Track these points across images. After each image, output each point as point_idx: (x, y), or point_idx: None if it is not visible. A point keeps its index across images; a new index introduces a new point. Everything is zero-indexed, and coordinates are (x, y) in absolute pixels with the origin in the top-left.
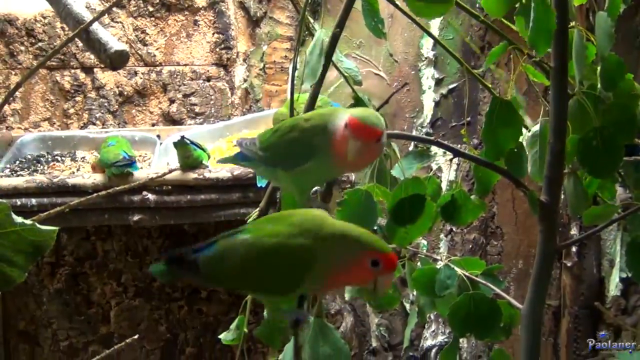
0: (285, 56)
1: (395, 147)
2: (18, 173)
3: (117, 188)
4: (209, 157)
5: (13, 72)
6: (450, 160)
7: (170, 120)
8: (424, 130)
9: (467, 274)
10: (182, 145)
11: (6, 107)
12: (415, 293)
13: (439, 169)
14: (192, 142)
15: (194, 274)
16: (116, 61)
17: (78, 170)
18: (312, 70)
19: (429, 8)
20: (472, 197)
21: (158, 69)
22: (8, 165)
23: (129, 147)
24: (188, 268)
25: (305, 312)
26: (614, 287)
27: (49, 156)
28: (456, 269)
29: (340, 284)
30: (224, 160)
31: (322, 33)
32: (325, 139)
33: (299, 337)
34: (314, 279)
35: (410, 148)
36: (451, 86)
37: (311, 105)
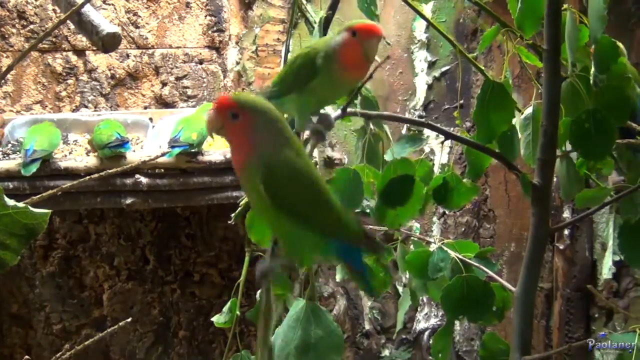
0: (278, 39)
1: (387, 130)
2: (10, 156)
3: (110, 171)
4: (197, 144)
5: (4, 55)
6: (442, 142)
7: (163, 103)
8: (416, 113)
9: (460, 256)
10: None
11: None
12: (408, 276)
13: (431, 151)
14: (175, 146)
15: None
16: (108, 43)
17: (70, 153)
18: None
19: None
20: (465, 180)
21: (150, 51)
22: (0, 149)
23: (122, 129)
24: None
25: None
26: (606, 269)
27: None
28: (449, 251)
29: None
30: None
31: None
32: (328, 56)
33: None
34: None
35: (403, 131)
36: (444, 69)
37: None
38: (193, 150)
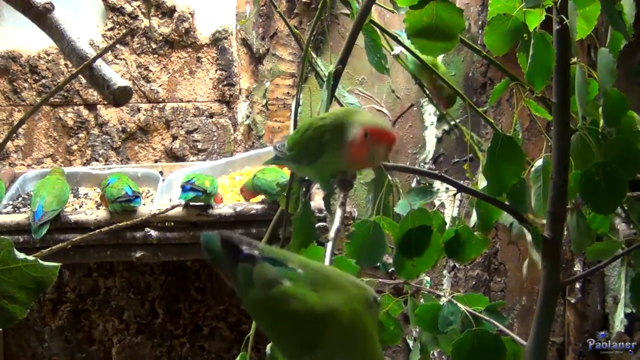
0: (288, 93)
1: (398, 182)
2: (21, 210)
3: (120, 224)
4: (208, 193)
5: (16, 109)
6: (454, 195)
7: (173, 156)
8: (426, 166)
9: (470, 310)
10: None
11: (9, 143)
12: (418, 329)
13: (442, 205)
14: (189, 188)
15: (238, 279)
16: (119, 97)
17: (81, 206)
18: None
19: (433, 45)
20: (476, 233)
21: (161, 105)
22: (10, 202)
23: (133, 183)
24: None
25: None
26: (618, 323)
27: None
28: (459, 305)
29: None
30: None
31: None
32: (336, 137)
33: None
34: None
35: (413, 184)
36: (453, 122)
37: None
38: (203, 204)
